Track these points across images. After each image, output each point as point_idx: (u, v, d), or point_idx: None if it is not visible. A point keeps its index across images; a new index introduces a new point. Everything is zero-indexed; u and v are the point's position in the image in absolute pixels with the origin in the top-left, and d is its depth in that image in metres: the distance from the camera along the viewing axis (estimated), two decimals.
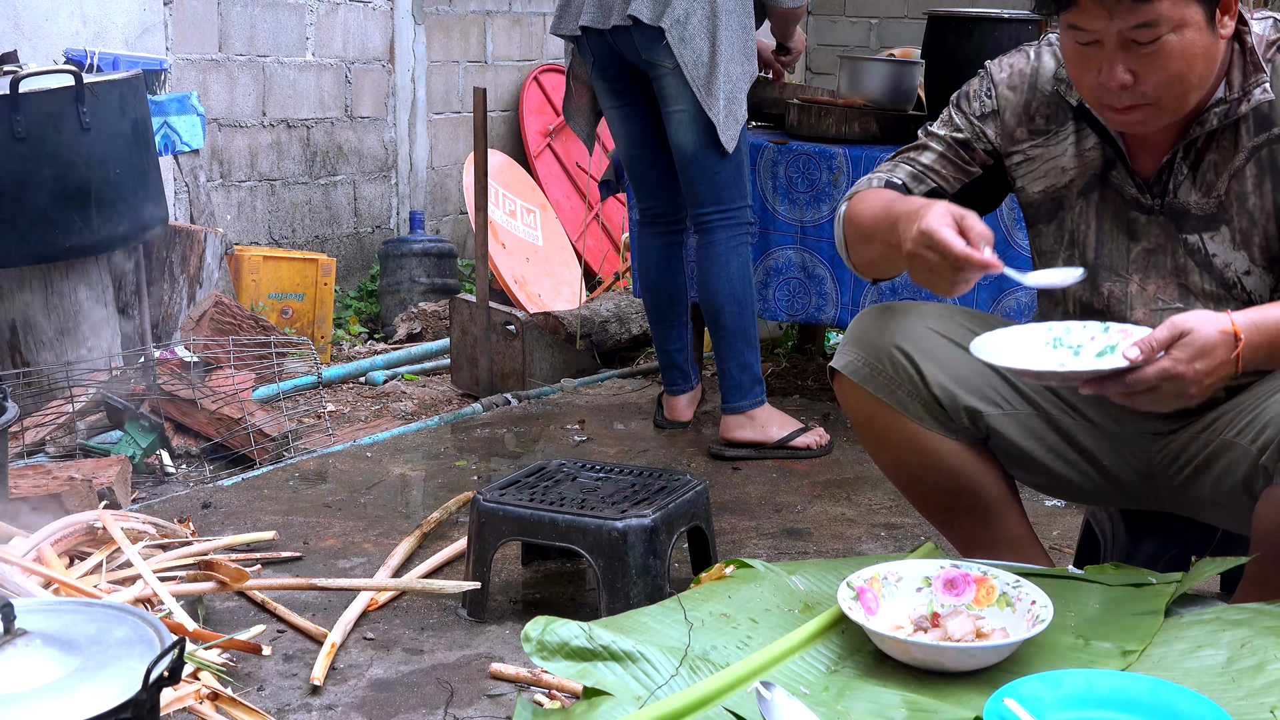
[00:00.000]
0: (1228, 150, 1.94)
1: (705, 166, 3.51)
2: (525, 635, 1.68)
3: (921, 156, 2.13)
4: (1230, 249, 1.95)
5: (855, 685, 1.70)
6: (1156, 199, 1.99)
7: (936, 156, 2.12)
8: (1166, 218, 1.99)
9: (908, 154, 2.15)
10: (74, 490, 2.90)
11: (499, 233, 5.52)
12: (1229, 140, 1.94)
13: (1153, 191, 1.99)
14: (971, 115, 2.11)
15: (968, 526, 2.18)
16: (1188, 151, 1.95)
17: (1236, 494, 1.97)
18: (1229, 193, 1.94)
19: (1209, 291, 1.97)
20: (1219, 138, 1.94)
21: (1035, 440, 2.11)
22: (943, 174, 2.11)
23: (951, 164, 2.12)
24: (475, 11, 6.18)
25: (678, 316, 3.80)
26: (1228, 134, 1.94)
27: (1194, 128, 1.93)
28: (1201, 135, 1.93)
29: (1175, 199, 1.97)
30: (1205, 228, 1.96)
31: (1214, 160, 1.94)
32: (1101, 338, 1.89)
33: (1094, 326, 1.91)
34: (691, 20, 3.40)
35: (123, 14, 4.46)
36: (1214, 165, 1.95)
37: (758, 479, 3.43)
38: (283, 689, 2.25)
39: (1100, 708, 1.57)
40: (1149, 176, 1.99)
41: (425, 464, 3.53)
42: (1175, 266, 1.99)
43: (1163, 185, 1.98)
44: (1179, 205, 1.97)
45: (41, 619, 1.61)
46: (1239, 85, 1.91)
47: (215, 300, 3.92)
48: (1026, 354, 1.89)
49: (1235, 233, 1.95)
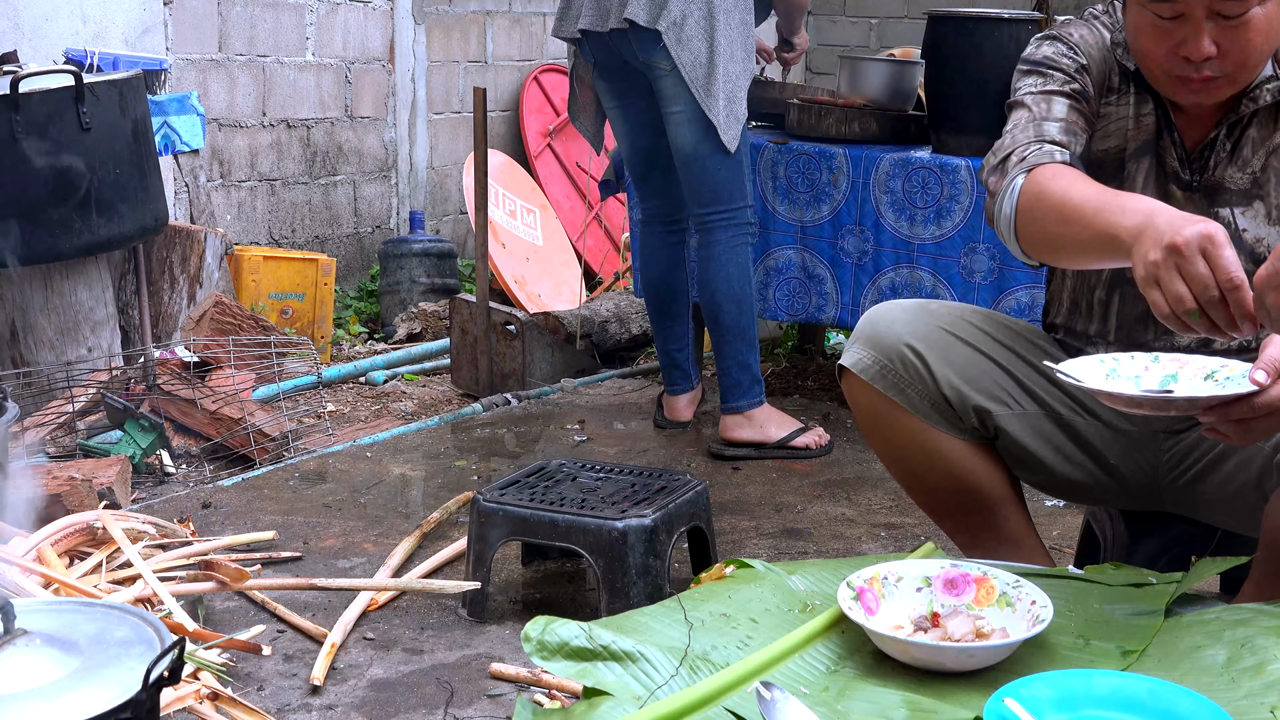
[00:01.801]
0: (1268, 128, 1.96)
1: (706, 166, 3.51)
2: (525, 635, 1.68)
3: (1054, 109, 1.99)
4: (1264, 224, 1.97)
5: (855, 685, 1.70)
6: (1196, 175, 2.00)
7: (1067, 109, 2.00)
8: (1201, 194, 2.00)
9: (1035, 115, 1.98)
10: (74, 490, 2.90)
11: (499, 233, 5.52)
12: (1269, 117, 1.96)
13: (1193, 167, 2.01)
14: (1070, 70, 2.02)
15: (971, 526, 2.18)
16: (1232, 129, 1.97)
17: (1245, 493, 1.97)
18: (1266, 169, 1.96)
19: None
20: (1260, 114, 1.96)
21: (1042, 440, 2.11)
22: (1079, 125, 2.00)
23: (1081, 116, 2.01)
24: (475, 11, 6.18)
25: (678, 316, 3.80)
26: (1268, 111, 1.96)
27: (1245, 103, 1.95)
28: (1249, 112, 1.95)
29: (1213, 175, 1.99)
30: (1239, 202, 1.98)
31: (1253, 137, 1.97)
32: (1156, 368, 1.86)
33: (1143, 358, 1.87)
34: (688, 22, 3.40)
35: (123, 14, 4.46)
36: (1253, 141, 1.97)
37: (758, 479, 3.43)
38: (283, 689, 2.25)
39: (1100, 708, 1.57)
40: (1191, 150, 2.00)
41: (425, 464, 3.53)
42: None
43: (1204, 161, 2.00)
44: (1215, 181, 1.99)
45: (41, 619, 1.61)
46: None
47: (215, 300, 3.92)
48: (1108, 384, 1.82)
49: (1271, 209, 1.97)
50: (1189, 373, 1.82)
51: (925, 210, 3.64)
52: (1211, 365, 1.83)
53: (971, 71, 3.60)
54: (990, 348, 2.11)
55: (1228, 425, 1.69)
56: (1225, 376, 1.79)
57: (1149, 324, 2.05)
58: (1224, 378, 1.79)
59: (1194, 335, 1.82)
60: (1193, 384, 1.80)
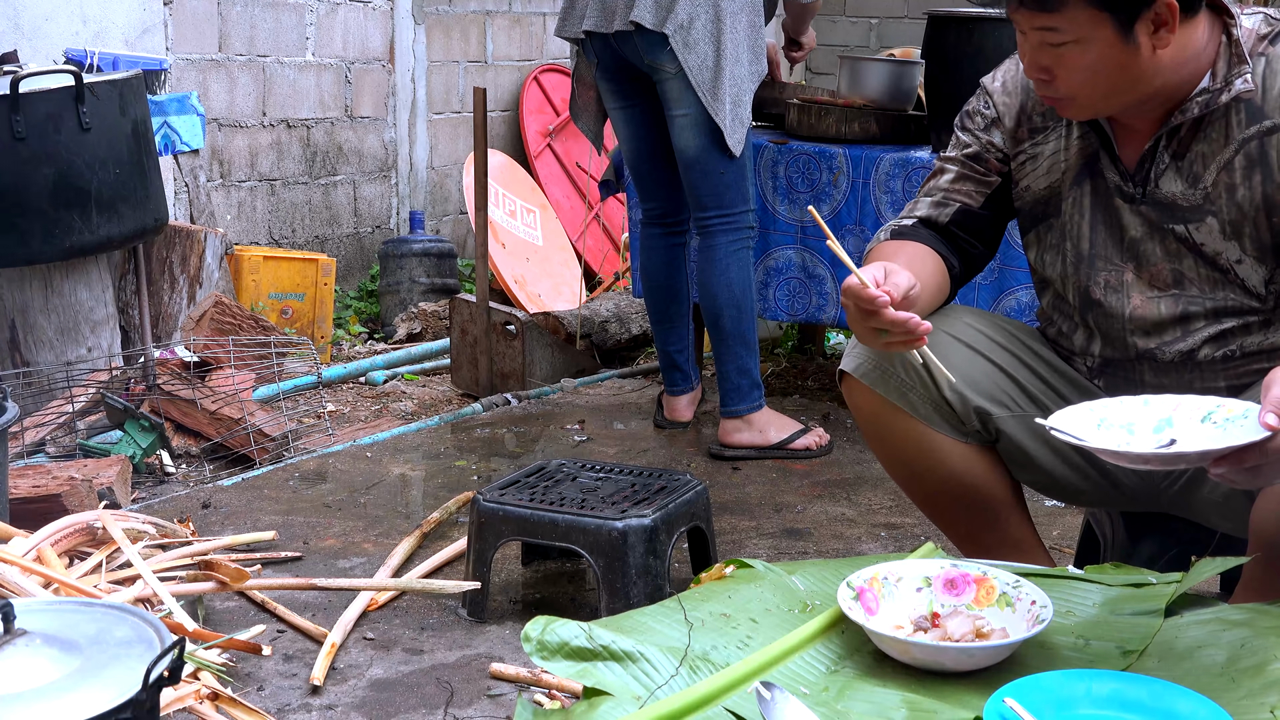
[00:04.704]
0: (1217, 142, 1.95)
1: (708, 170, 3.50)
2: (525, 635, 1.68)
3: (939, 180, 2.18)
4: (1220, 239, 1.97)
5: (855, 685, 1.70)
6: (1138, 188, 2.01)
7: (954, 176, 2.17)
8: (1150, 207, 2.00)
9: (927, 184, 2.20)
10: (74, 490, 2.90)
11: (499, 233, 5.52)
12: (1218, 132, 1.95)
13: (1135, 180, 2.01)
14: (976, 129, 2.16)
15: (971, 528, 2.18)
16: (1170, 140, 1.97)
17: (1237, 494, 1.97)
18: (1217, 184, 1.95)
19: (1205, 275, 1.99)
20: (1206, 129, 1.95)
21: (1041, 443, 2.11)
22: (963, 190, 2.16)
23: (969, 179, 2.16)
24: (475, 11, 6.18)
25: (679, 317, 3.79)
26: (1217, 125, 1.95)
27: (1175, 115, 1.95)
28: (1185, 124, 1.95)
29: (1158, 189, 1.99)
30: (1191, 218, 1.98)
31: (1201, 151, 1.96)
32: (1147, 412, 1.82)
33: (1131, 402, 1.84)
34: (695, 25, 3.39)
35: (123, 14, 4.46)
36: (1201, 156, 1.96)
37: (758, 479, 3.43)
38: (283, 689, 2.25)
39: (1100, 708, 1.57)
40: (1132, 165, 2.01)
41: (425, 464, 3.53)
42: (1166, 253, 2.01)
43: (1144, 174, 2.00)
44: (1162, 196, 1.99)
45: (41, 619, 1.61)
46: (1222, 76, 1.93)
47: (215, 300, 3.91)
48: (1113, 443, 1.78)
49: (1224, 224, 1.96)
50: (1184, 415, 1.78)
51: None
52: (1206, 406, 1.79)
53: (971, 71, 3.56)
54: (990, 350, 2.11)
55: (1239, 473, 1.66)
56: (1224, 418, 1.75)
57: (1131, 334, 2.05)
58: (1223, 419, 1.75)
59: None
60: (1192, 429, 1.77)
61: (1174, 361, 2.02)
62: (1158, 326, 2.03)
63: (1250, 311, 1.99)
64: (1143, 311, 2.03)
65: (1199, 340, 2.01)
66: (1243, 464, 1.65)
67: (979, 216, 2.16)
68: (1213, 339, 2.01)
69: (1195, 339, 2.01)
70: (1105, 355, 2.09)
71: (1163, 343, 2.03)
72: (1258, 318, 1.99)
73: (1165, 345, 2.03)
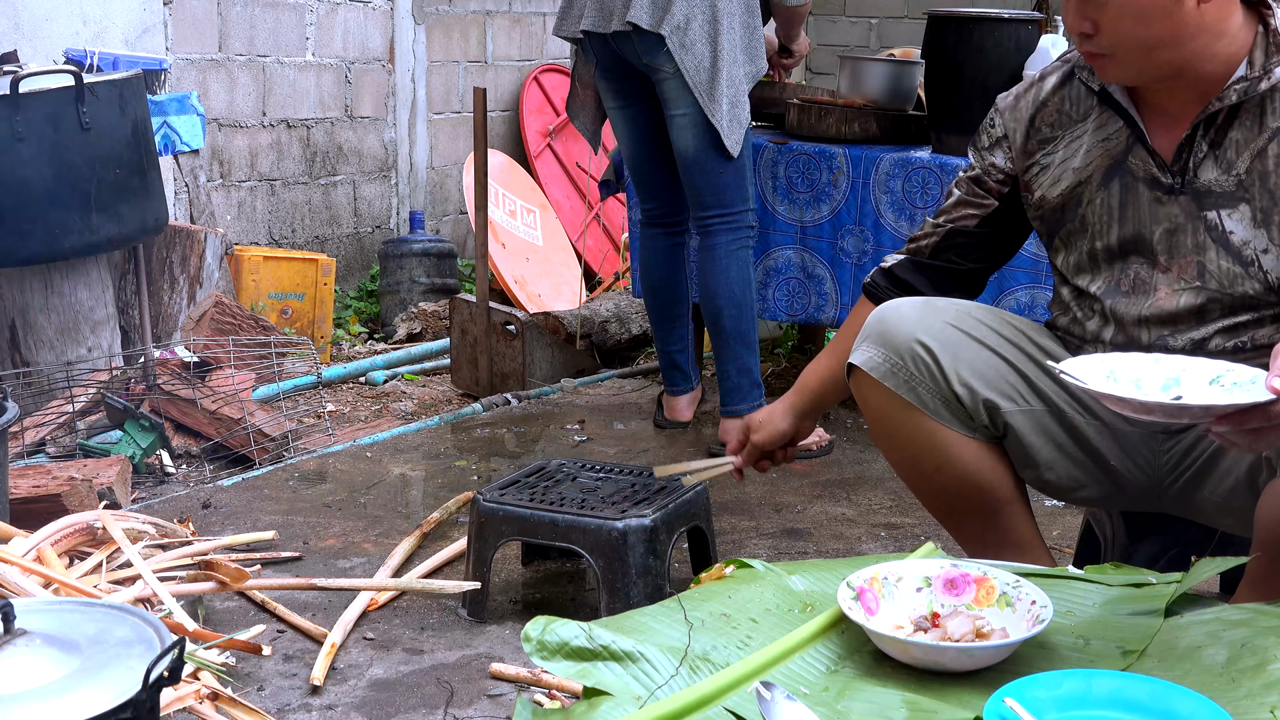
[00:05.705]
0: (1251, 130, 1.97)
1: (708, 169, 3.50)
2: (525, 635, 1.68)
3: (946, 203, 2.28)
4: (1250, 227, 1.97)
5: (855, 685, 1.70)
6: (1177, 178, 2.01)
7: (957, 200, 2.26)
8: (1188, 196, 2.01)
9: (940, 205, 2.30)
10: (74, 490, 2.90)
11: (499, 233, 5.52)
12: (1253, 119, 1.96)
13: (1173, 170, 2.02)
14: (981, 149, 2.23)
15: (975, 527, 2.18)
16: (1207, 128, 1.98)
17: (1240, 491, 1.97)
18: (1250, 171, 1.97)
19: (1225, 269, 1.99)
20: (1243, 116, 1.97)
21: (1045, 437, 2.11)
22: (960, 214, 2.25)
23: (967, 202, 2.24)
24: (475, 11, 6.18)
25: (679, 317, 3.79)
26: (1252, 113, 1.96)
27: (1213, 103, 1.96)
28: (1222, 111, 1.97)
29: (1196, 177, 2.00)
30: (1225, 204, 1.99)
31: (1237, 139, 1.98)
32: (1157, 369, 1.84)
33: (1143, 359, 1.86)
34: (692, 25, 3.39)
35: (123, 14, 4.46)
36: (1236, 144, 1.98)
37: (758, 479, 3.43)
38: (283, 689, 2.25)
39: (1100, 708, 1.57)
40: (1169, 155, 2.01)
41: (425, 464, 3.53)
42: (1195, 244, 2.01)
43: (1183, 163, 2.01)
44: (1200, 184, 2.00)
45: (41, 619, 1.61)
46: (1260, 65, 1.95)
47: (215, 300, 3.92)
48: (1117, 389, 1.79)
49: (1256, 211, 1.97)
50: (1192, 376, 1.80)
51: (925, 210, 3.64)
52: (1216, 369, 1.81)
53: (971, 71, 3.60)
54: (998, 344, 2.12)
55: (1240, 434, 1.67)
56: (1232, 382, 1.77)
57: (1146, 326, 2.06)
58: (1231, 383, 1.77)
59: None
60: (1199, 389, 1.78)
61: (1184, 349, 2.03)
62: (1174, 317, 2.04)
63: (1266, 305, 2.00)
64: (1164, 303, 2.03)
65: (1211, 330, 2.02)
66: (1245, 424, 1.66)
67: (972, 234, 2.23)
68: (1225, 330, 2.01)
69: (1208, 329, 2.02)
70: (1116, 342, 2.09)
71: (1176, 331, 2.04)
72: (1272, 311, 2.00)
73: (1178, 333, 2.03)
